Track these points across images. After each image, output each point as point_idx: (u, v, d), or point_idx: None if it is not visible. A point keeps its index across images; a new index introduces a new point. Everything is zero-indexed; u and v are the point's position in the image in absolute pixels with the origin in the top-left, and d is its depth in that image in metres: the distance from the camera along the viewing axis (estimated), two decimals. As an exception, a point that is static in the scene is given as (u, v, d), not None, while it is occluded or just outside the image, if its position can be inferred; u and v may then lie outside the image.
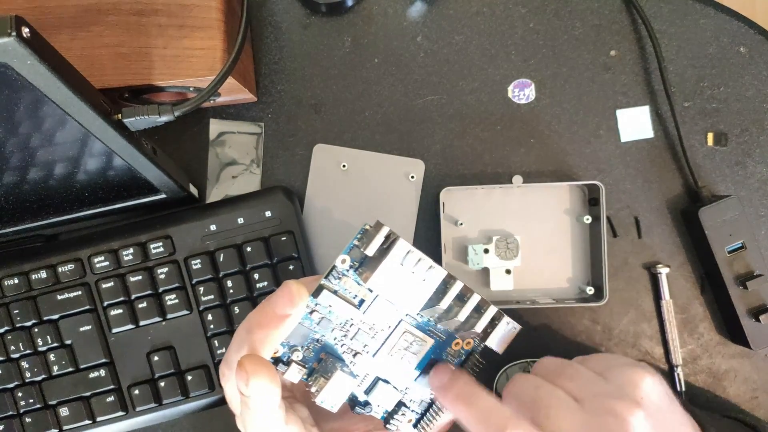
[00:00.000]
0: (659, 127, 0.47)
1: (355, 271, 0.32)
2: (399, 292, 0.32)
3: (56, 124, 0.33)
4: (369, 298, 0.32)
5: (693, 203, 0.46)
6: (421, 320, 0.34)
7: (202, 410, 0.45)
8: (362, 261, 0.32)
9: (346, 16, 0.48)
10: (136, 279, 0.44)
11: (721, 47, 0.47)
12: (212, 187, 0.48)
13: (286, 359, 0.32)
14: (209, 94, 0.37)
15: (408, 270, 0.31)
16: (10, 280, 0.44)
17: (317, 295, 0.31)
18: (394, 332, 0.33)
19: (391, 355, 0.34)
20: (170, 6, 0.39)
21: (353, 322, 0.33)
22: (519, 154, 0.48)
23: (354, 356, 0.33)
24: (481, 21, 0.48)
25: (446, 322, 0.34)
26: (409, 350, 0.34)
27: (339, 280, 0.32)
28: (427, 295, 0.32)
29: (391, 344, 0.33)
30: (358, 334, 0.33)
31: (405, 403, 0.35)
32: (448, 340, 0.35)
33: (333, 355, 0.33)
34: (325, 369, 0.32)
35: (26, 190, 0.40)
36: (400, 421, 0.34)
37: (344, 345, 0.33)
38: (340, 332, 0.33)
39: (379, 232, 0.31)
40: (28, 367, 0.44)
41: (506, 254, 0.46)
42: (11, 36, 0.26)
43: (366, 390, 0.34)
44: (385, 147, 0.48)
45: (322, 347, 0.33)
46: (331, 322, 0.32)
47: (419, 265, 0.31)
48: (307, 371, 0.32)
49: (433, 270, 0.32)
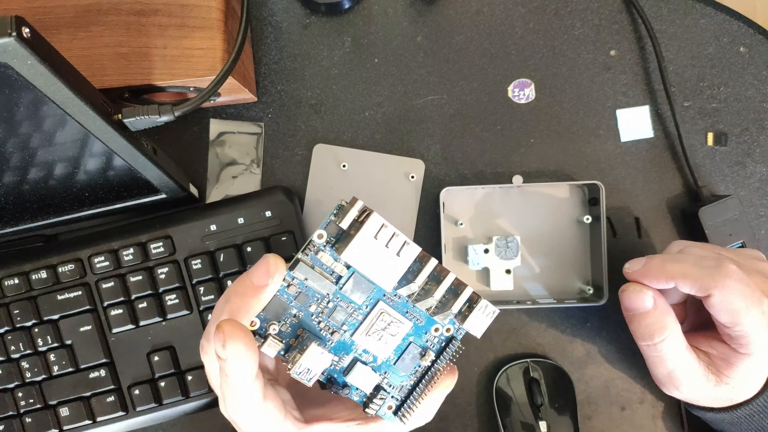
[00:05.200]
0: (659, 126, 0.47)
1: (332, 246, 0.32)
2: (373, 267, 0.32)
3: (56, 124, 0.33)
4: (345, 275, 0.33)
5: (693, 203, 0.46)
6: (399, 301, 0.34)
7: (202, 410, 0.45)
8: (338, 236, 0.32)
9: (345, 16, 0.48)
10: (136, 279, 0.44)
11: (721, 47, 0.47)
12: (212, 187, 0.48)
13: (263, 332, 0.32)
14: (209, 94, 0.37)
15: (382, 244, 0.32)
16: (10, 280, 0.44)
17: (293, 268, 0.32)
18: (371, 312, 0.34)
19: (368, 335, 0.34)
20: (170, 6, 0.39)
21: (330, 299, 0.33)
22: (519, 154, 0.48)
23: (332, 334, 0.34)
24: (481, 21, 0.48)
25: (422, 302, 0.34)
26: (387, 331, 0.34)
27: (316, 254, 0.32)
28: (401, 270, 0.32)
29: (368, 323, 0.34)
30: (336, 312, 0.33)
31: (384, 387, 0.35)
32: (426, 325, 0.35)
33: (311, 332, 0.33)
34: (302, 345, 0.32)
35: (26, 190, 0.40)
36: (379, 405, 0.34)
37: (321, 322, 0.33)
38: (317, 308, 0.33)
39: (353, 206, 0.32)
40: (28, 367, 0.44)
41: (506, 254, 0.46)
42: (11, 36, 0.26)
43: (344, 370, 0.34)
44: (385, 147, 0.48)
45: (300, 323, 0.33)
46: (309, 298, 0.33)
47: (394, 240, 0.32)
48: (284, 347, 0.33)
49: (408, 246, 0.32)
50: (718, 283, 0.35)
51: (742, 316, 0.35)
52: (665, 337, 0.38)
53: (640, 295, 0.38)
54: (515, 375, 0.46)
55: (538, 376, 0.45)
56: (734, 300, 0.35)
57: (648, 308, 0.38)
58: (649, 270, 0.38)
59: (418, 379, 0.35)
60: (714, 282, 0.36)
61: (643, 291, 0.38)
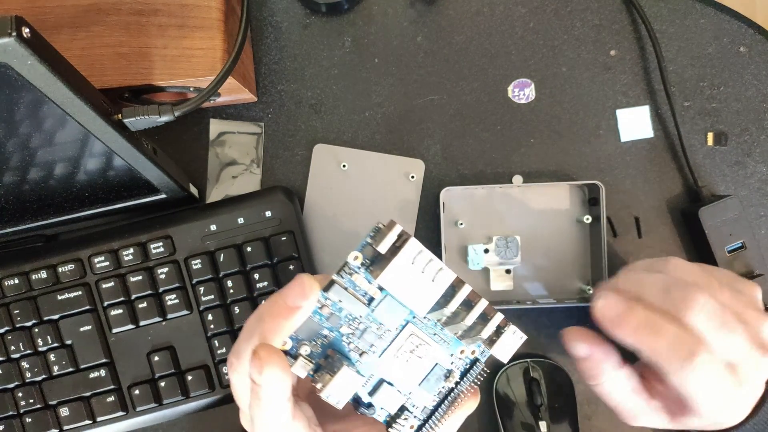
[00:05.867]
0: (659, 126, 0.47)
1: (366, 269, 0.32)
2: (408, 292, 0.32)
3: (56, 124, 0.33)
4: (378, 297, 0.33)
5: (693, 203, 0.46)
6: (428, 324, 0.34)
7: (202, 410, 0.45)
8: (374, 259, 0.32)
9: (346, 16, 0.48)
10: (136, 279, 0.44)
11: (721, 47, 0.47)
12: (212, 187, 0.48)
13: (293, 353, 0.32)
14: (209, 94, 0.37)
15: (418, 269, 0.31)
16: (10, 280, 0.44)
17: (328, 290, 0.32)
18: (401, 334, 0.34)
19: (396, 357, 0.34)
20: (170, 6, 0.39)
21: (362, 321, 0.33)
22: (519, 154, 0.48)
23: (360, 355, 0.33)
24: (481, 21, 0.48)
25: (452, 327, 0.34)
26: (415, 353, 0.34)
27: (350, 276, 0.32)
28: (435, 296, 0.32)
29: (397, 345, 0.34)
30: (365, 333, 0.33)
31: (408, 407, 0.35)
32: (453, 346, 0.35)
33: (340, 353, 0.33)
34: (332, 366, 0.32)
35: (26, 190, 0.40)
36: (403, 425, 0.34)
37: (351, 343, 0.33)
38: (348, 329, 0.33)
39: (391, 230, 0.31)
40: (28, 367, 0.44)
41: (506, 254, 0.46)
42: (11, 36, 0.26)
43: (370, 391, 0.34)
44: (385, 147, 0.48)
45: (330, 344, 0.33)
46: (340, 319, 0.33)
47: (430, 266, 0.32)
48: (314, 367, 0.33)
49: (443, 272, 0.32)
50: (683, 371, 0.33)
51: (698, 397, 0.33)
52: (600, 382, 0.36)
53: (574, 345, 0.37)
54: (515, 375, 0.46)
55: (538, 376, 0.45)
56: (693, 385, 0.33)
57: (582, 357, 0.37)
58: (619, 326, 0.35)
59: (441, 399, 0.35)
60: (679, 368, 0.33)
61: (577, 343, 0.37)
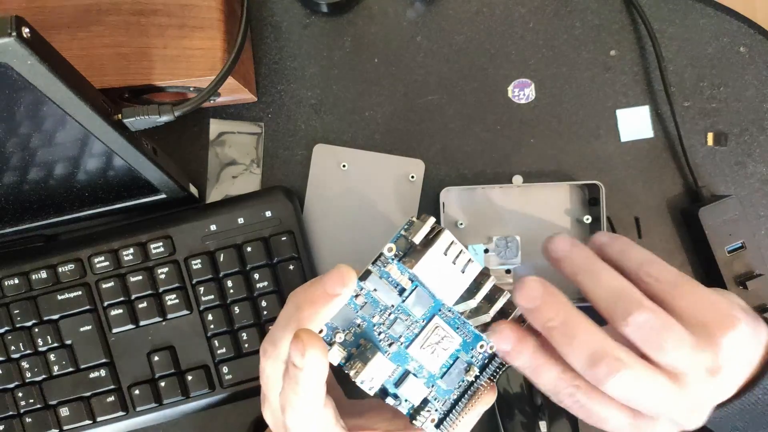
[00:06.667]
0: (659, 127, 0.47)
1: (399, 260, 0.33)
2: (439, 282, 0.33)
3: (56, 124, 0.33)
4: (409, 288, 0.34)
5: (693, 203, 0.46)
6: (453, 317, 0.35)
7: (202, 410, 0.45)
8: (407, 251, 0.34)
9: (346, 16, 0.48)
10: (136, 279, 0.44)
11: (721, 47, 0.47)
12: (212, 187, 0.48)
13: (328, 340, 0.33)
14: (209, 94, 0.37)
15: (449, 260, 0.33)
16: (10, 280, 0.44)
17: (364, 279, 0.33)
18: (427, 326, 0.35)
19: (422, 348, 0.35)
20: (170, 6, 0.39)
21: (392, 311, 0.34)
22: (519, 154, 0.48)
23: (389, 345, 0.34)
24: (481, 21, 0.48)
25: (475, 320, 0.35)
26: (440, 345, 0.35)
27: (384, 267, 0.33)
28: (463, 287, 0.34)
29: (424, 337, 0.35)
30: (395, 324, 0.34)
31: (430, 400, 0.35)
32: (474, 341, 0.36)
33: (372, 342, 0.34)
34: (364, 354, 0.33)
35: (26, 190, 0.40)
36: (425, 418, 0.35)
37: (382, 333, 0.34)
38: (380, 319, 0.34)
39: (425, 223, 0.33)
40: (28, 367, 0.44)
41: (506, 254, 0.46)
42: (11, 36, 0.26)
43: (396, 382, 0.35)
44: (385, 147, 0.48)
45: (362, 333, 0.34)
46: (373, 308, 0.34)
47: (461, 257, 0.33)
48: (346, 356, 0.34)
49: (472, 264, 0.34)
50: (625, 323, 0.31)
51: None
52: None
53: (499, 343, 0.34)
54: (515, 375, 0.46)
55: (538, 376, 0.45)
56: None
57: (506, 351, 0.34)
58: (571, 261, 0.33)
59: (461, 393, 0.36)
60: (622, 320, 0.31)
61: (503, 341, 0.33)
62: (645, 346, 0.30)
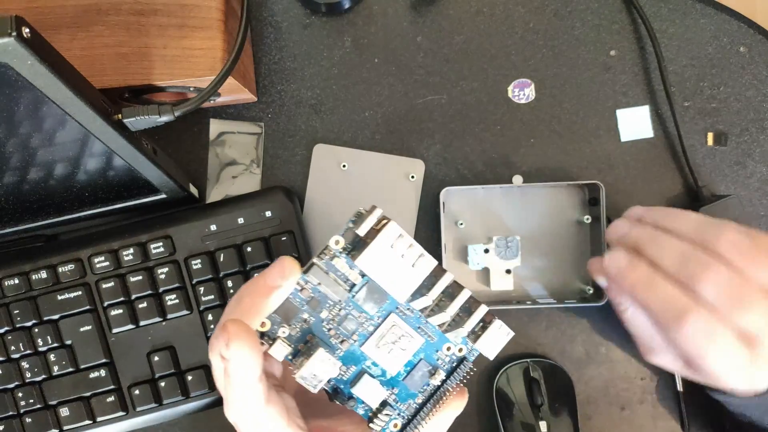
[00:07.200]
0: (659, 126, 0.47)
1: (347, 254, 0.32)
2: (387, 276, 0.32)
3: (56, 124, 0.33)
4: (359, 283, 0.33)
5: (693, 203, 0.46)
6: (412, 316, 0.34)
7: (202, 410, 0.45)
8: (355, 244, 0.32)
9: (346, 16, 0.48)
10: (136, 279, 0.44)
11: (721, 47, 0.47)
12: (212, 187, 0.48)
13: (273, 335, 0.32)
14: (209, 94, 0.37)
15: (398, 254, 0.31)
16: (10, 280, 0.44)
17: (308, 272, 0.32)
18: (383, 324, 0.33)
19: (378, 347, 0.33)
20: (170, 6, 0.39)
21: (342, 307, 0.33)
22: (519, 154, 0.48)
23: (341, 342, 0.33)
24: (481, 21, 0.48)
25: (435, 318, 0.34)
26: (398, 345, 0.33)
27: (331, 260, 0.32)
28: (416, 282, 0.32)
29: (379, 335, 0.33)
30: (346, 320, 0.33)
31: (391, 403, 0.34)
32: (439, 342, 0.34)
33: (320, 339, 0.33)
34: (310, 351, 0.32)
35: (26, 190, 0.40)
36: (384, 422, 0.34)
37: (332, 329, 0.33)
38: (328, 315, 0.33)
39: (371, 214, 0.31)
40: (28, 367, 0.44)
41: (506, 254, 0.46)
42: (11, 36, 0.26)
43: (351, 381, 0.34)
44: (385, 147, 0.48)
45: (310, 329, 0.33)
46: (321, 304, 0.33)
47: (410, 251, 0.32)
48: (293, 351, 0.32)
49: (424, 258, 0.32)
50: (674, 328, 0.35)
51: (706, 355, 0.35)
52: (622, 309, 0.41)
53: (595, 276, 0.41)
54: (515, 375, 0.46)
55: (538, 376, 0.45)
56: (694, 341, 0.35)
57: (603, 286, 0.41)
58: (615, 280, 0.39)
59: (427, 398, 0.34)
60: (672, 326, 0.35)
61: (597, 275, 0.42)
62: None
